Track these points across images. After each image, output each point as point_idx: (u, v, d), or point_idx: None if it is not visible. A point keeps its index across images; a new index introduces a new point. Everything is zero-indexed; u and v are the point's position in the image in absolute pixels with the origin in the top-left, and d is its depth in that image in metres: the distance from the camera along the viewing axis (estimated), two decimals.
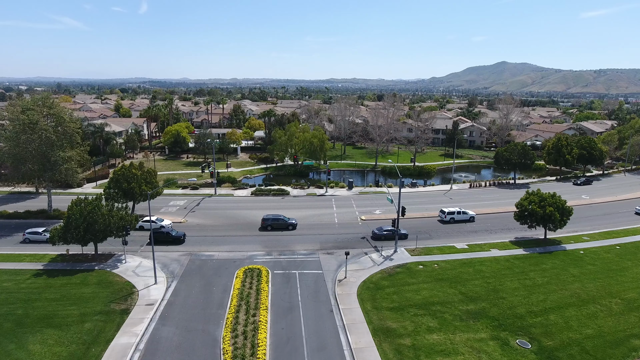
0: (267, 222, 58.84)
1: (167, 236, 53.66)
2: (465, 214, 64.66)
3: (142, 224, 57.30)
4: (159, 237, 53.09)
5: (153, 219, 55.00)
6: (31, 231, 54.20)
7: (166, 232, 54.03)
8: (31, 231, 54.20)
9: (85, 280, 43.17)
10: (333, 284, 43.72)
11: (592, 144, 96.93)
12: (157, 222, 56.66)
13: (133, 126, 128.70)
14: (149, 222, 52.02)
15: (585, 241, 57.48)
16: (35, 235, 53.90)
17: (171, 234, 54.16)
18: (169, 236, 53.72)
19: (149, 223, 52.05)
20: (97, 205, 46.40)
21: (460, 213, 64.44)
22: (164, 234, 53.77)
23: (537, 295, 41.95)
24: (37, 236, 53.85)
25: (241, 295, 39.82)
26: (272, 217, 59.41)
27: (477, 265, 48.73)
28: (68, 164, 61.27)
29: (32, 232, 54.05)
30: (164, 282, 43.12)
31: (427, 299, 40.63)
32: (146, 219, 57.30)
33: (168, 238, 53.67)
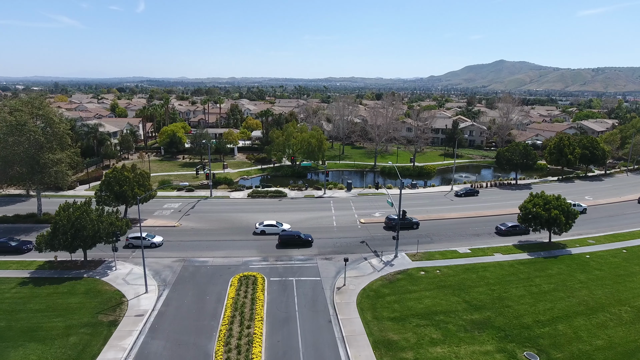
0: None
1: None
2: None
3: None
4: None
5: (143, 235, 52.48)
6: (134, 236, 52.56)
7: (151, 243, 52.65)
8: (134, 236, 52.56)
9: (72, 289, 41.34)
10: (331, 292, 42.00)
11: (595, 143, 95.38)
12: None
13: (128, 126, 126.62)
14: (140, 239, 50.47)
15: (590, 244, 55.88)
16: (139, 240, 51.78)
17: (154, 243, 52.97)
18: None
19: (140, 240, 50.51)
20: (85, 210, 44.55)
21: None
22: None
23: (544, 304, 40.31)
24: (139, 241, 51.66)
25: (235, 305, 38.06)
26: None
27: (481, 271, 47.06)
28: (58, 166, 59.30)
29: (135, 237, 52.31)
30: (155, 291, 41.33)
31: (430, 308, 38.94)
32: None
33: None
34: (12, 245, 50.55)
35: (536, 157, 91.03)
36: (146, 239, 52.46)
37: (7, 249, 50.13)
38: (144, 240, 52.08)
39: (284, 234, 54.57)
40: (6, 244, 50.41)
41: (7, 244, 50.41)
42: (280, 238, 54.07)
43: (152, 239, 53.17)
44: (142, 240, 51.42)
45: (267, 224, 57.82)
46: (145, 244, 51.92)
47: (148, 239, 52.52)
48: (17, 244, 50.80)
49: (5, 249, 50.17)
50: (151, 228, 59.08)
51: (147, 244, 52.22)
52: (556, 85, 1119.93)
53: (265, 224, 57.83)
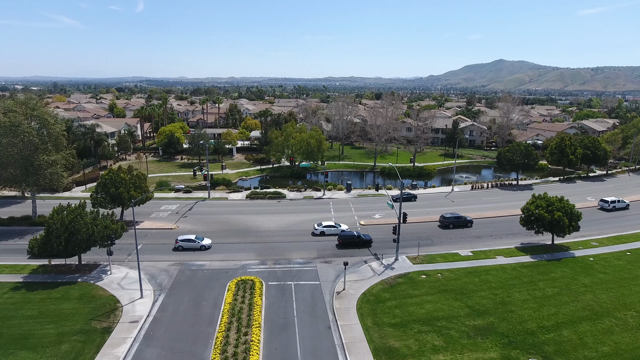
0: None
1: None
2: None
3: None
4: None
5: (191, 237, 52.55)
6: (184, 238, 52.24)
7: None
8: (184, 238, 52.24)
9: (66, 294, 40.42)
10: (331, 296, 41.09)
11: (597, 143, 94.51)
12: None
13: (126, 126, 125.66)
14: (190, 241, 51.99)
15: (594, 247, 55.03)
16: (190, 242, 51.87)
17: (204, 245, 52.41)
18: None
19: (189, 242, 51.94)
20: (79, 213, 43.61)
21: None
22: None
23: (548, 308, 39.44)
24: (191, 244, 51.83)
25: (232, 311, 37.15)
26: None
27: (483, 274, 46.17)
28: (53, 168, 58.34)
29: (185, 240, 52.04)
30: (150, 296, 40.42)
31: (432, 314, 38.05)
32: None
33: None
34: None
35: (537, 158, 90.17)
36: (195, 241, 52.13)
37: None
38: (193, 243, 52.12)
39: (344, 235, 54.59)
40: None
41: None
42: (341, 238, 53.97)
43: (202, 241, 52.55)
44: (192, 243, 52.16)
45: (327, 225, 57.77)
46: (194, 246, 52.01)
47: (197, 242, 52.15)
48: None
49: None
50: (148, 230, 58.25)
51: (197, 247, 52.05)
52: (555, 85, 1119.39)
53: (325, 225, 57.77)
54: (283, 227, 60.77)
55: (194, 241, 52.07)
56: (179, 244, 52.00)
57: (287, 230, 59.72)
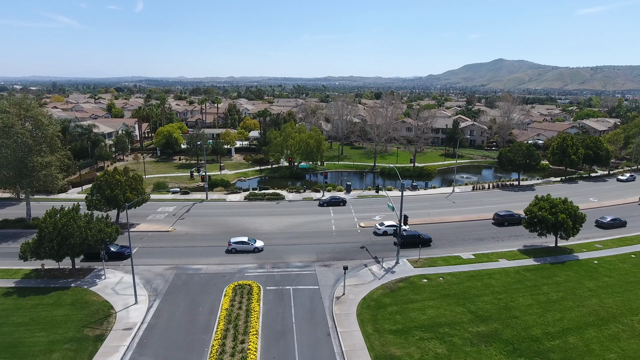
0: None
1: None
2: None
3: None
4: None
5: (244, 240, 52.14)
6: (237, 240, 51.76)
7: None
8: (237, 240, 51.76)
9: (58, 300, 39.39)
10: (330, 301, 40.09)
11: (599, 143, 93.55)
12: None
13: (124, 127, 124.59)
14: (242, 244, 51.56)
15: (598, 249, 54.08)
16: (243, 245, 51.35)
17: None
18: None
19: (242, 244, 51.52)
20: (72, 216, 42.57)
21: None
22: None
23: (553, 314, 38.47)
24: (244, 246, 51.34)
25: (229, 317, 36.13)
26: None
27: (486, 278, 45.20)
28: (47, 169, 57.29)
29: (238, 242, 51.57)
30: (145, 302, 39.40)
31: (434, 320, 37.06)
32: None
33: None
34: (113, 251, 49.08)
35: (539, 158, 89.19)
36: (249, 243, 51.72)
37: (108, 255, 48.10)
38: (246, 245, 51.63)
39: (407, 234, 54.82)
40: (107, 250, 48.60)
41: (107, 250, 48.63)
42: (402, 238, 53.89)
43: (254, 243, 52.09)
44: (245, 245, 51.62)
45: (390, 225, 58.07)
46: (248, 248, 51.54)
47: (251, 244, 51.73)
48: (118, 250, 49.49)
49: (107, 254, 48.22)
50: (144, 233, 57.23)
51: (250, 249, 51.57)
52: (555, 84, 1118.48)
53: (387, 225, 58.13)
54: (282, 230, 59.80)
55: (247, 243, 51.53)
56: (232, 246, 51.35)
57: (285, 232, 58.74)
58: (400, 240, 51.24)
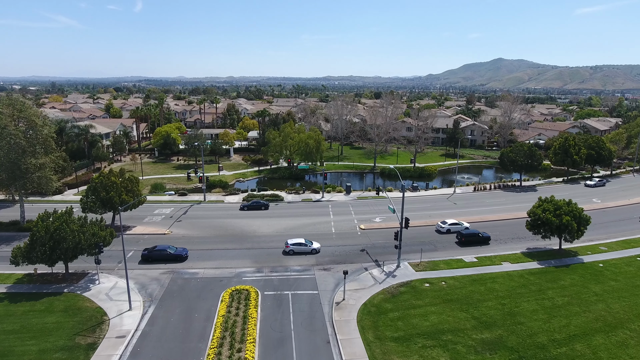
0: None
1: None
2: None
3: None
4: None
5: (302, 241, 51.94)
6: (295, 242, 51.45)
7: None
8: (295, 242, 51.45)
9: (50, 306, 38.31)
10: (330, 307, 39.03)
11: (601, 143, 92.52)
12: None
13: (121, 127, 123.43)
14: (300, 245, 51.23)
15: (602, 252, 53.03)
16: (301, 246, 51.09)
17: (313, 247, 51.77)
18: None
19: (300, 246, 51.17)
20: (65, 220, 41.49)
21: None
22: None
23: (559, 320, 37.43)
24: (302, 247, 51.05)
25: (226, 325, 35.06)
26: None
27: (489, 282, 44.15)
28: (41, 171, 56.20)
29: (296, 244, 51.28)
30: (139, 308, 38.32)
31: (437, 326, 36.01)
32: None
33: None
34: (171, 253, 48.63)
35: (541, 158, 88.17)
36: (306, 244, 51.52)
37: (167, 257, 48.35)
38: (304, 247, 51.36)
39: (466, 232, 55.83)
40: (164, 252, 48.56)
41: (165, 252, 48.52)
42: (463, 236, 55.27)
43: (312, 245, 51.80)
44: (303, 247, 51.30)
45: (452, 223, 59.45)
46: (305, 250, 51.25)
47: (308, 245, 51.49)
48: (176, 252, 49.02)
49: (165, 257, 48.35)
50: (140, 236, 56.12)
51: (308, 250, 51.28)
52: (555, 83, 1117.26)
53: (450, 223, 59.45)
54: (280, 232, 58.73)
55: (305, 245, 51.34)
56: (290, 247, 51.00)
57: (284, 235, 57.58)
58: (460, 239, 54.19)
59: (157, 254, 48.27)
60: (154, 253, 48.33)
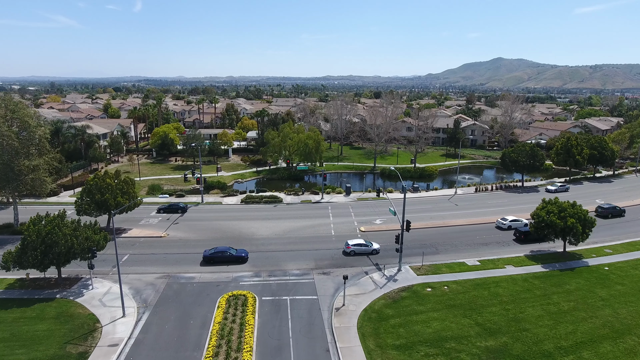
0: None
1: None
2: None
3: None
4: None
5: (362, 242, 51.82)
6: (356, 243, 51.37)
7: None
8: (356, 243, 51.37)
9: (42, 313, 37.23)
10: (330, 313, 37.95)
11: (604, 143, 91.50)
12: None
13: (119, 127, 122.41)
14: (361, 246, 51.05)
15: (608, 254, 51.97)
16: (362, 247, 51.06)
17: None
18: None
19: (361, 247, 51.02)
20: (58, 224, 40.38)
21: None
22: None
23: (565, 326, 36.37)
24: (363, 248, 51.07)
25: (222, 332, 33.97)
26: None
27: (493, 286, 43.10)
28: (34, 173, 55.11)
29: (357, 245, 51.15)
30: (133, 314, 37.24)
31: (439, 333, 34.94)
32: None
33: None
34: (233, 254, 48.57)
35: (544, 158, 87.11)
36: (367, 245, 51.44)
37: (228, 259, 48.23)
38: (366, 247, 51.22)
39: (525, 229, 56.28)
40: (225, 253, 48.44)
41: (226, 253, 48.40)
42: (522, 233, 55.99)
43: (372, 245, 51.68)
44: (364, 247, 51.04)
45: (512, 220, 60.14)
46: (367, 250, 51.26)
47: (369, 246, 51.46)
48: (238, 253, 48.96)
49: (227, 258, 48.20)
50: (135, 239, 55.05)
51: (369, 251, 51.26)
52: (554, 83, 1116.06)
53: (511, 220, 60.17)
54: (279, 234, 57.67)
55: (365, 245, 51.24)
56: (351, 248, 50.86)
57: (283, 237, 56.63)
58: (519, 236, 54.92)
59: (219, 256, 48.16)
60: (216, 255, 48.17)
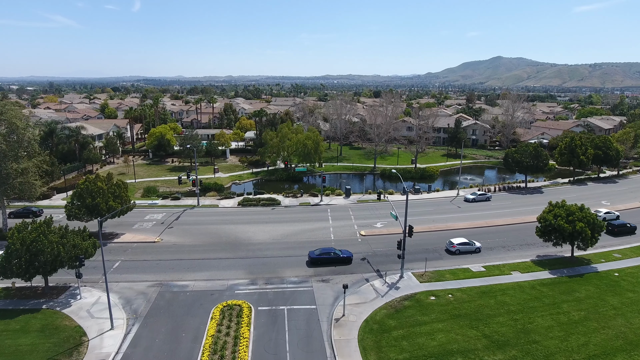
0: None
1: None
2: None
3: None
4: None
5: (467, 241, 52.06)
6: (461, 242, 51.44)
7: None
8: (461, 242, 51.44)
9: (26, 325, 35.37)
10: (329, 324, 36.13)
11: (608, 143, 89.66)
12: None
13: (115, 128, 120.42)
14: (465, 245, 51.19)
15: (617, 259, 50.20)
16: (466, 246, 51.14)
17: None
18: None
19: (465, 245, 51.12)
20: (43, 231, 38.51)
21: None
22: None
23: (577, 337, 34.58)
24: (468, 247, 51.16)
25: (215, 347, 32.14)
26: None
27: (499, 294, 41.30)
28: (23, 176, 53.21)
29: (462, 244, 51.26)
30: (122, 326, 35.39)
31: (445, 346, 33.13)
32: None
33: None
34: (340, 256, 48.00)
35: (547, 159, 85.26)
36: (471, 244, 51.50)
37: (335, 260, 47.63)
38: (469, 246, 51.28)
39: (617, 223, 57.55)
40: (331, 254, 47.93)
41: (332, 254, 47.83)
42: (614, 226, 56.86)
43: (475, 244, 51.80)
44: (468, 246, 51.06)
45: (606, 212, 62.54)
46: (470, 249, 51.31)
47: (472, 244, 51.52)
48: (343, 254, 48.50)
49: (334, 259, 47.65)
50: (128, 245, 53.18)
51: (473, 249, 51.39)
52: (554, 81, 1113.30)
53: (605, 212, 62.33)
54: (277, 239, 55.84)
55: (470, 244, 51.46)
56: (456, 247, 50.97)
57: (281, 242, 54.81)
58: (613, 229, 55.39)
59: (325, 258, 47.80)
60: (322, 257, 47.77)
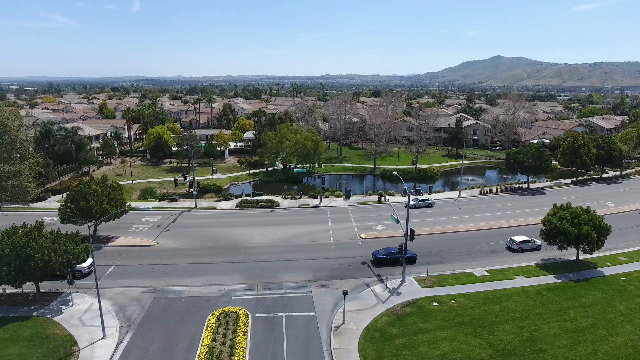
0: None
1: None
2: None
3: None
4: None
5: (528, 239, 52.20)
6: (523, 240, 51.94)
7: None
8: (523, 240, 51.94)
9: (15, 334, 34.18)
10: (328, 332, 34.96)
11: (611, 143, 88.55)
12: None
13: (112, 129, 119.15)
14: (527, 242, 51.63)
15: (623, 262, 49.09)
16: (528, 243, 51.77)
17: None
18: None
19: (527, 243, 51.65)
20: (34, 236, 37.30)
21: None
22: None
23: (585, 346, 33.42)
24: (529, 244, 51.81)
25: (210, 357, 30.92)
26: None
27: (504, 300, 40.14)
28: (15, 179, 52.06)
29: (524, 241, 51.77)
30: (115, 335, 34.21)
31: (448, 356, 31.94)
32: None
33: None
34: (398, 256, 46.95)
35: (550, 159, 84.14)
36: (532, 242, 52.17)
37: (398, 260, 46.69)
38: (530, 244, 51.84)
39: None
40: (395, 254, 47.91)
41: (396, 254, 47.66)
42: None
43: (537, 241, 52.27)
44: (530, 244, 51.64)
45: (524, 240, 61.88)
46: (531, 246, 51.84)
47: (533, 242, 52.20)
48: (411, 253, 48.44)
49: (397, 259, 47.02)
50: (123, 248, 52.02)
51: (534, 247, 52.01)
52: (553, 81, 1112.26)
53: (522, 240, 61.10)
54: (275, 242, 54.67)
55: (530, 242, 52.10)
56: (519, 245, 51.62)
57: (279, 245, 53.64)
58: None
59: (390, 257, 47.86)
60: (388, 257, 47.88)
